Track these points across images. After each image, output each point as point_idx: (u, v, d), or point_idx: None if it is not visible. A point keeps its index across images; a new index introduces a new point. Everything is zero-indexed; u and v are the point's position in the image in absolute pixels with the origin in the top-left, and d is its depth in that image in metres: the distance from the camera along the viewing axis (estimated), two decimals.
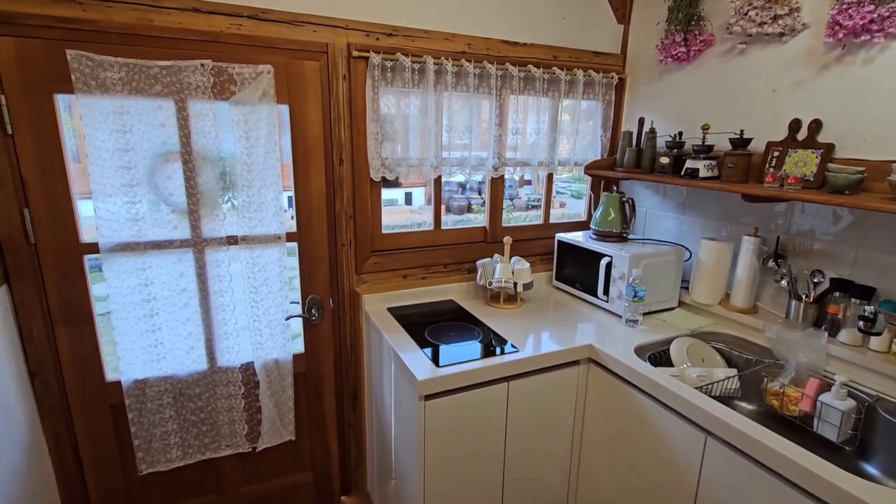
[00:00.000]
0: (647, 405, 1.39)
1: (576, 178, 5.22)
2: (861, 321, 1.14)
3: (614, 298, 1.79)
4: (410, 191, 6.85)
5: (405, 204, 7.38)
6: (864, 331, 1.15)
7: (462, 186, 8.28)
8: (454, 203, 7.85)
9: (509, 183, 2.03)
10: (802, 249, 1.59)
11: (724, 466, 1.18)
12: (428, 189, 6.71)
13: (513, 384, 1.48)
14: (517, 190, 8.02)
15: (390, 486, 1.73)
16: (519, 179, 6.24)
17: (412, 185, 6.85)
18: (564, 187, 5.01)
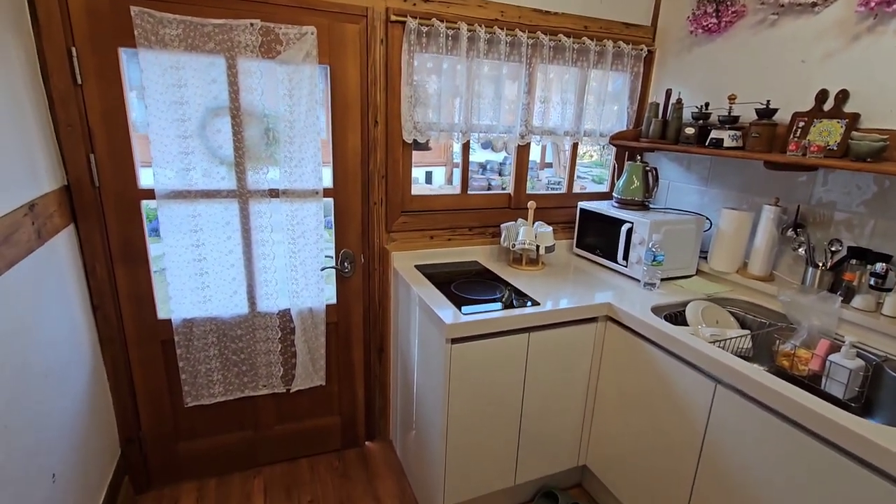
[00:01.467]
0: (661, 358, 1.46)
1: (597, 164, 5.19)
2: (872, 278, 1.19)
3: (633, 263, 1.86)
4: (431, 170, 6.94)
5: (425, 182, 7.45)
6: (874, 287, 1.20)
7: (483, 167, 8.30)
8: (474, 183, 7.89)
9: (531, 166, 2.09)
10: (822, 220, 1.63)
11: (732, 412, 1.25)
12: (447, 169, 6.73)
13: (533, 335, 1.57)
14: (538, 172, 8.01)
15: (411, 435, 1.85)
16: (540, 162, 6.24)
17: (432, 164, 6.92)
18: (586, 172, 5.01)
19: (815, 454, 1.07)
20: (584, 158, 4.82)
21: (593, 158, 4.99)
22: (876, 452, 0.95)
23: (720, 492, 1.29)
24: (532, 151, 2.29)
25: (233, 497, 1.80)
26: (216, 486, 1.85)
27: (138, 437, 1.76)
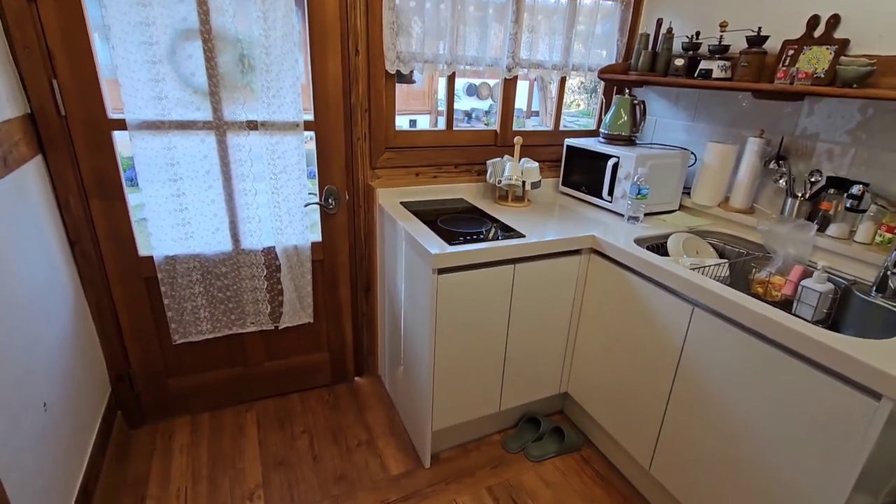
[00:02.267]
0: (642, 286, 1.50)
1: (584, 113, 5.11)
2: (849, 200, 1.22)
3: (618, 198, 1.87)
4: (415, 118, 6.75)
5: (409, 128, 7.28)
6: (850, 209, 1.23)
7: (468, 115, 8.12)
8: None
9: (517, 114, 2.05)
10: (804, 151, 1.64)
11: (707, 332, 1.31)
12: (432, 116, 6.55)
13: (518, 267, 1.59)
14: (524, 121, 7.88)
15: (399, 371, 1.90)
16: (527, 110, 6.12)
17: (417, 112, 6.74)
18: (572, 122, 4.94)
19: (783, 367, 1.13)
20: (570, 108, 4.73)
21: (580, 107, 4.90)
22: (841, 360, 1.01)
23: (691, 407, 1.37)
24: (518, 97, 2.24)
25: (226, 429, 1.85)
26: (209, 419, 1.90)
27: (128, 375, 1.78)
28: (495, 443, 1.85)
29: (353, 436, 1.85)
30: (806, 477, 1.10)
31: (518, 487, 1.65)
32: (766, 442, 1.18)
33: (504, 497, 1.61)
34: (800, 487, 1.11)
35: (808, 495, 1.10)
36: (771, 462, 1.17)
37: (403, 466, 1.71)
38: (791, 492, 1.13)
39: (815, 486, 1.08)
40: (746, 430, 1.23)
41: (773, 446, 1.16)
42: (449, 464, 1.74)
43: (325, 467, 1.69)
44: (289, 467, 1.69)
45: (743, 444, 1.24)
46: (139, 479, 1.61)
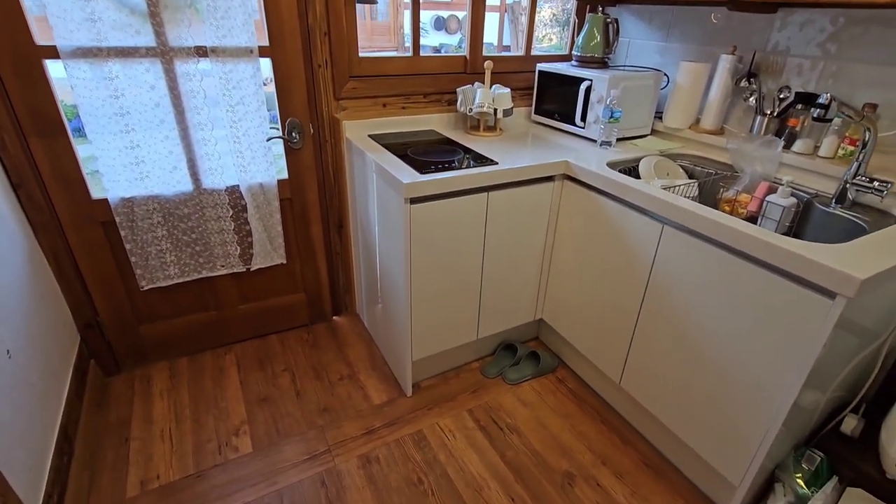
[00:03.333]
0: (613, 208, 1.51)
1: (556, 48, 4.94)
2: (817, 110, 1.23)
3: (591, 123, 1.84)
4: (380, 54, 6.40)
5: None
6: (818, 119, 1.24)
7: (437, 52, 7.78)
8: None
9: (487, 48, 1.95)
10: (775, 67, 1.63)
11: (676, 248, 1.34)
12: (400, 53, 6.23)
13: (492, 195, 1.58)
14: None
15: (377, 308, 1.90)
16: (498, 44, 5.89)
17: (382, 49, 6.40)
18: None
19: (746, 274, 1.17)
20: (542, 42, 4.57)
21: (553, 42, 4.73)
22: (799, 263, 1.05)
23: (660, 321, 1.43)
24: (489, 31, 2.14)
25: (206, 372, 1.85)
26: (188, 363, 1.89)
27: (97, 323, 1.73)
28: (474, 370, 1.91)
29: (334, 371, 1.87)
30: (764, 375, 1.17)
31: (497, 408, 1.72)
32: (728, 346, 1.24)
33: (484, 417, 1.68)
34: (758, 385, 1.19)
35: (764, 391, 1.18)
36: (732, 364, 1.24)
37: (386, 396, 1.76)
38: (749, 389, 1.21)
39: (772, 383, 1.16)
40: (710, 337, 1.29)
41: (735, 349, 1.23)
42: (430, 391, 1.79)
43: (308, 401, 1.73)
44: (272, 403, 1.71)
45: (707, 351, 1.30)
46: (121, 422, 1.62)
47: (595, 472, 1.50)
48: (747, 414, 1.23)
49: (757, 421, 1.21)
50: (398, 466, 1.49)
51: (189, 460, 1.49)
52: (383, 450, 1.54)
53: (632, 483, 1.47)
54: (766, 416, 1.18)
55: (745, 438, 1.25)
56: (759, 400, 1.20)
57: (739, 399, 1.24)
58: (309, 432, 1.60)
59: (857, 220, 1.33)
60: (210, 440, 1.56)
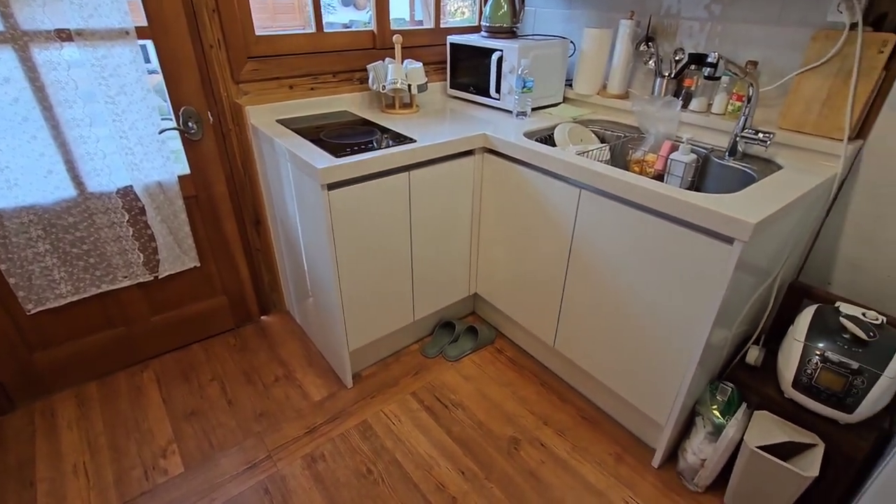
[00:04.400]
0: (533, 177, 1.54)
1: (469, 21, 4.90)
2: (706, 69, 1.31)
3: (506, 94, 1.84)
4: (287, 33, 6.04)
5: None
6: (708, 77, 1.32)
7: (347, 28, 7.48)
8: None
9: (399, 23, 1.89)
10: (669, 30, 1.71)
11: (594, 210, 1.39)
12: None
13: (413, 174, 1.54)
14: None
15: (308, 302, 1.82)
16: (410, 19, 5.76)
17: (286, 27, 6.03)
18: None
19: (656, 229, 1.24)
20: (455, 16, 4.52)
21: (465, 15, 4.69)
22: (700, 214, 1.12)
23: (585, 282, 1.49)
24: (398, 5, 2.06)
25: (121, 394, 1.68)
26: (98, 388, 1.70)
27: None
28: (414, 352, 1.90)
29: (268, 373, 1.78)
30: (679, 321, 1.26)
31: (440, 387, 1.73)
32: (646, 298, 1.32)
33: (428, 398, 1.68)
34: (675, 331, 1.28)
35: (681, 336, 1.27)
36: (652, 314, 1.32)
37: (326, 391, 1.70)
38: (668, 336, 1.30)
39: (687, 327, 1.25)
40: (630, 292, 1.36)
41: (653, 300, 1.31)
42: (371, 379, 1.76)
43: (242, 408, 1.63)
44: (202, 416, 1.60)
45: (629, 305, 1.38)
46: (22, 463, 1.43)
47: (538, 433, 1.56)
48: (668, 358, 1.32)
49: (676, 364, 1.30)
50: (345, 460, 1.46)
51: (111, 493, 1.36)
52: (328, 446, 1.50)
53: (572, 437, 1.55)
54: (684, 359, 1.28)
55: (667, 381, 1.35)
56: (677, 344, 1.29)
57: (660, 346, 1.33)
58: (246, 441, 1.51)
59: (748, 169, 1.45)
60: (134, 467, 1.43)
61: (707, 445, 1.34)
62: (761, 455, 1.22)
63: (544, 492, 1.38)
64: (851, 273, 1.49)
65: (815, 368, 1.21)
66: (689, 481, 1.41)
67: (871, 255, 1.44)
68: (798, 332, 1.28)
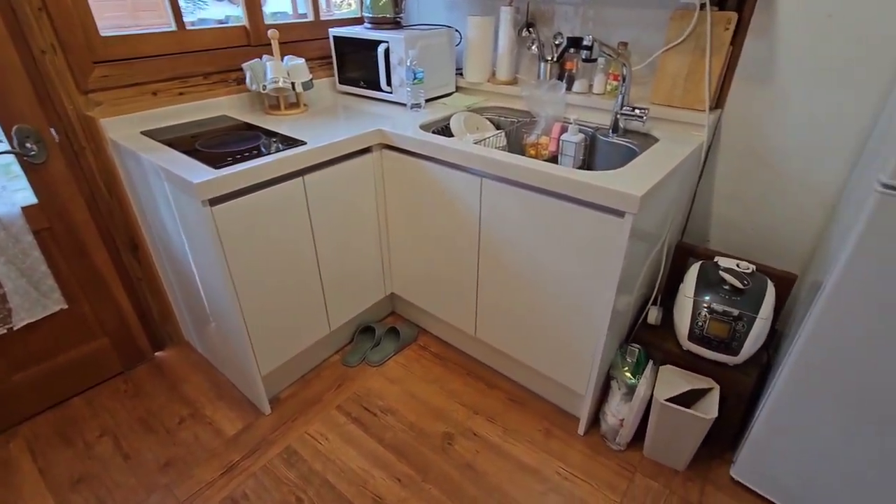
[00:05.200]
0: (435, 170, 1.51)
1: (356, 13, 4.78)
2: (584, 52, 1.37)
3: (397, 87, 1.80)
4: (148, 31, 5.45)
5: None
6: (586, 60, 1.38)
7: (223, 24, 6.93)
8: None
9: (282, 17, 1.75)
10: (547, 15, 1.77)
11: (496, 197, 1.40)
12: None
13: (308, 178, 1.44)
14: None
15: (210, 329, 1.65)
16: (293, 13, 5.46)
17: (148, 26, 5.42)
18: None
19: (556, 209, 1.27)
20: (342, 8, 4.36)
21: (352, 7, 4.55)
22: (592, 191, 1.17)
23: (497, 268, 1.50)
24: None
25: None
26: None
27: None
28: (335, 363, 1.81)
29: (170, 416, 1.59)
30: (586, 294, 1.32)
31: (366, 395, 1.67)
32: (554, 276, 1.37)
33: (356, 409, 1.61)
34: (583, 303, 1.34)
35: (589, 308, 1.33)
36: (561, 291, 1.37)
37: (241, 423, 1.56)
38: (578, 309, 1.36)
39: (593, 299, 1.31)
40: (539, 272, 1.40)
41: (560, 278, 1.35)
42: (291, 401, 1.65)
43: (143, 461, 1.44)
44: (93, 481, 1.38)
45: (539, 285, 1.41)
46: None
47: (470, 423, 1.56)
48: (580, 330, 1.38)
49: (588, 334, 1.37)
50: (271, 494, 1.34)
51: None
52: (250, 482, 1.37)
53: (502, 422, 1.57)
54: (594, 328, 1.34)
55: (582, 352, 1.41)
56: (586, 316, 1.35)
57: (572, 320, 1.39)
58: (151, 497, 1.34)
59: (630, 144, 1.55)
60: None
61: (623, 406, 1.42)
62: (669, 406, 1.32)
63: (482, 481, 1.39)
64: (725, 229, 1.67)
65: (705, 320, 1.34)
66: (612, 442, 1.50)
67: (737, 211, 1.61)
68: (687, 289, 1.40)
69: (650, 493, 1.36)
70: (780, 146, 1.46)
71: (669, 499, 1.35)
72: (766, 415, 1.26)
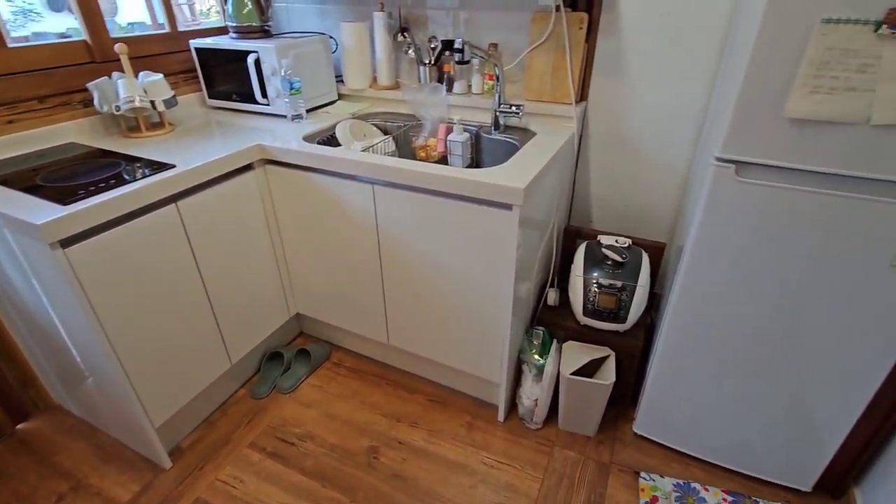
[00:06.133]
0: (324, 180, 1.47)
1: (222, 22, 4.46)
2: (456, 54, 1.41)
3: (274, 99, 1.71)
4: None
5: None
6: (459, 62, 1.43)
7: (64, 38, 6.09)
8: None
9: (137, 28, 1.57)
10: (421, 20, 1.80)
11: (391, 203, 1.39)
12: None
13: (183, 204, 1.32)
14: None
15: (87, 385, 1.44)
16: (152, 23, 4.95)
17: None
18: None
19: (450, 210, 1.30)
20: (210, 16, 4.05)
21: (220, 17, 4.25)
22: (481, 188, 1.21)
23: (400, 273, 1.50)
24: (132, 6, 1.73)
25: None
26: None
27: None
28: (242, 398, 1.68)
29: (46, 495, 1.36)
30: (488, 286, 1.37)
31: (281, 425, 1.57)
32: (456, 274, 1.40)
33: (271, 442, 1.51)
34: (486, 294, 1.39)
35: (493, 299, 1.38)
36: (464, 286, 1.41)
37: (138, 485, 1.39)
38: (483, 302, 1.40)
39: (496, 290, 1.36)
40: (442, 272, 1.42)
41: (462, 274, 1.39)
42: (195, 448, 1.50)
43: None
44: None
45: (444, 284, 1.44)
46: None
47: (393, 432, 1.55)
48: (486, 321, 1.43)
49: (495, 324, 1.42)
50: None
51: None
52: None
53: (426, 424, 1.58)
54: (500, 318, 1.40)
55: (491, 342, 1.46)
56: (491, 307, 1.40)
57: (478, 312, 1.43)
58: None
59: (511, 140, 1.63)
60: None
61: (535, 387, 1.50)
62: (574, 379, 1.42)
63: (412, 488, 1.38)
64: (603, 208, 1.83)
65: (595, 295, 1.45)
66: (531, 422, 1.57)
67: (611, 191, 1.78)
68: (577, 268, 1.52)
69: (568, 463, 1.45)
70: (638, 131, 1.64)
71: (586, 464, 1.45)
72: (654, 371, 1.40)
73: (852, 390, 1.17)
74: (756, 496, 1.36)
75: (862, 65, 0.89)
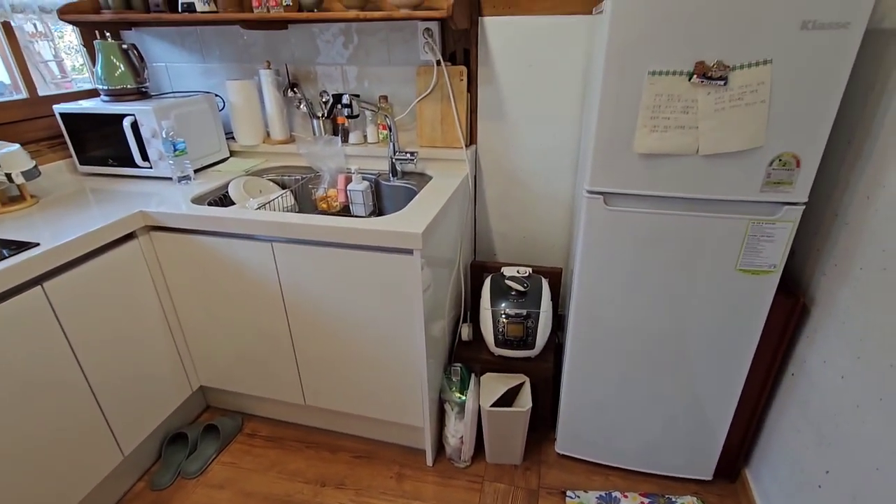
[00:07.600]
0: (219, 244, 1.40)
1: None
2: (345, 109, 1.46)
3: (157, 161, 1.62)
4: None
5: None
6: (349, 116, 1.47)
7: None
8: None
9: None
10: (310, 76, 1.83)
11: (292, 259, 1.36)
12: None
13: (50, 285, 1.18)
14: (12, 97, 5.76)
15: None
16: (12, 83, 4.45)
17: None
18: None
19: (354, 260, 1.31)
20: (82, 72, 3.77)
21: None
22: (381, 237, 1.24)
23: (311, 331, 1.46)
24: None
25: None
26: None
27: None
28: (141, 492, 1.49)
29: None
30: (400, 331, 1.37)
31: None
32: (367, 324, 1.39)
33: None
34: (398, 340, 1.39)
35: (406, 343, 1.39)
36: (375, 334, 1.40)
37: None
38: (397, 348, 1.40)
39: (407, 332, 1.37)
40: (350, 322, 1.40)
41: (371, 321, 1.38)
42: None
43: None
44: None
45: (353, 334, 1.42)
46: None
47: (318, 499, 1.46)
48: (404, 368, 1.43)
49: (413, 369, 1.42)
50: None
51: None
52: None
53: (353, 483, 1.51)
54: (416, 362, 1.40)
55: (410, 387, 1.46)
56: (406, 352, 1.40)
57: (393, 360, 1.43)
58: None
59: (410, 185, 1.69)
60: None
61: (459, 424, 1.51)
62: (494, 411, 1.45)
63: None
64: (504, 242, 1.94)
65: (504, 325, 1.52)
66: (459, 461, 1.57)
67: (508, 225, 1.90)
68: (484, 301, 1.58)
69: (499, 496, 1.46)
70: (525, 169, 1.78)
71: (515, 493, 1.47)
72: (566, 389, 1.48)
73: (727, 379, 1.33)
74: (669, 493, 1.47)
75: (685, 107, 1.07)
